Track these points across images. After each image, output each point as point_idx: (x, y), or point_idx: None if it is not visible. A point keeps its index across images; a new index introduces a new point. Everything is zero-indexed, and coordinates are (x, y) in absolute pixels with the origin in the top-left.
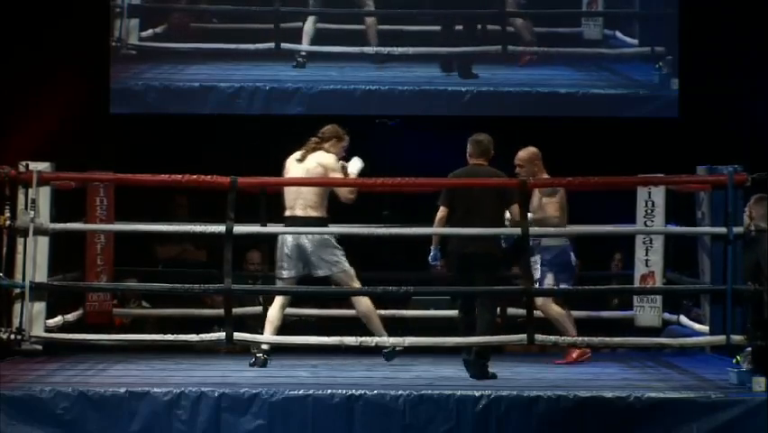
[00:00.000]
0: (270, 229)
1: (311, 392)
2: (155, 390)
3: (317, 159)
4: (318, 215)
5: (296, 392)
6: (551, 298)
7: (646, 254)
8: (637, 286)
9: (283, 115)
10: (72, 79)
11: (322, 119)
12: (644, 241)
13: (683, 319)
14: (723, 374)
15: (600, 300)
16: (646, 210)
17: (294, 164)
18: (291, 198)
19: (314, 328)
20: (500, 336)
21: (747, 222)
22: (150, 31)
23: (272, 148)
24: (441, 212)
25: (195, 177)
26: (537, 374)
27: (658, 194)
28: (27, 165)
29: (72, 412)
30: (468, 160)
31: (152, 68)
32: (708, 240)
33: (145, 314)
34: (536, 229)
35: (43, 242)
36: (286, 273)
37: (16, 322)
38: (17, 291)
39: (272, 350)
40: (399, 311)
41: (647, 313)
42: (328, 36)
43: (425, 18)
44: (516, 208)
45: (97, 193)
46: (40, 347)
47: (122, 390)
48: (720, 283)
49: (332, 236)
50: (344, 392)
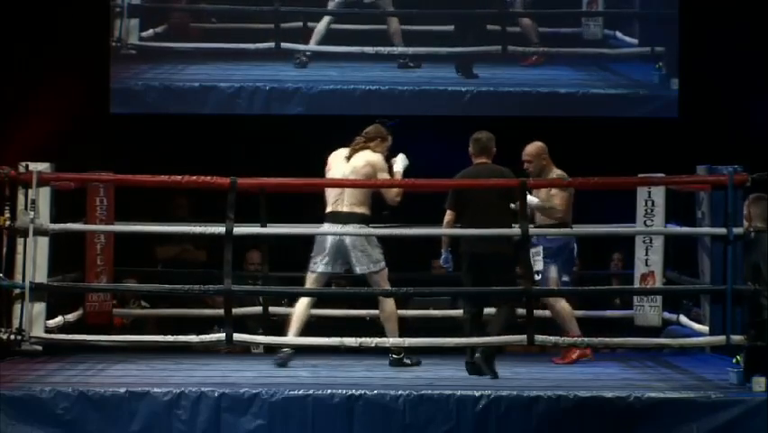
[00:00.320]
0: (270, 230)
1: (311, 392)
2: (155, 390)
3: (366, 157)
4: (362, 212)
5: (296, 392)
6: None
7: (646, 254)
8: (637, 286)
9: (283, 115)
10: (72, 79)
11: (322, 119)
12: (644, 240)
13: (683, 319)
14: (723, 374)
15: (601, 300)
16: (646, 210)
17: (340, 161)
18: (334, 195)
19: (314, 328)
20: (500, 337)
21: (746, 224)
22: (150, 31)
23: (272, 148)
24: (448, 216)
25: (194, 178)
26: (537, 374)
27: (658, 194)
28: (27, 165)
29: (72, 412)
30: (471, 159)
31: (152, 68)
32: (708, 240)
33: (145, 314)
34: (536, 230)
35: (43, 242)
36: (321, 268)
37: (16, 322)
38: (17, 292)
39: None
40: (399, 311)
41: (647, 312)
42: (330, 36)
43: (439, 18)
44: (556, 205)
45: (97, 193)
46: (40, 348)
47: (122, 390)
48: (720, 283)
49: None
50: (344, 392)
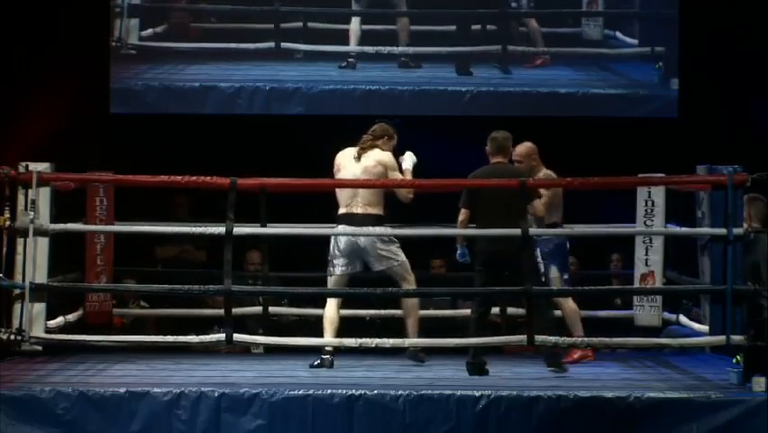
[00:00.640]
0: (270, 230)
1: (311, 392)
2: (155, 390)
3: (376, 157)
4: (376, 212)
5: (296, 392)
6: None
7: (646, 254)
8: (637, 286)
9: (283, 115)
10: (72, 79)
11: (322, 119)
12: (643, 240)
13: (683, 319)
14: (723, 374)
15: (601, 300)
16: (646, 210)
17: (350, 162)
18: (348, 196)
19: (314, 328)
20: (500, 337)
21: (746, 224)
22: (150, 30)
23: (272, 148)
24: (462, 215)
25: (194, 178)
26: (537, 374)
27: (658, 194)
28: (27, 166)
29: (72, 412)
30: (488, 158)
31: (152, 68)
32: (707, 240)
33: (145, 314)
34: (536, 230)
35: (43, 242)
36: (339, 270)
37: (16, 323)
38: (17, 292)
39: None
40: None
41: (647, 312)
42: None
43: (442, 18)
44: (537, 204)
45: (97, 193)
46: (40, 348)
47: (122, 390)
48: (720, 283)
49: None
50: (344, 392)
